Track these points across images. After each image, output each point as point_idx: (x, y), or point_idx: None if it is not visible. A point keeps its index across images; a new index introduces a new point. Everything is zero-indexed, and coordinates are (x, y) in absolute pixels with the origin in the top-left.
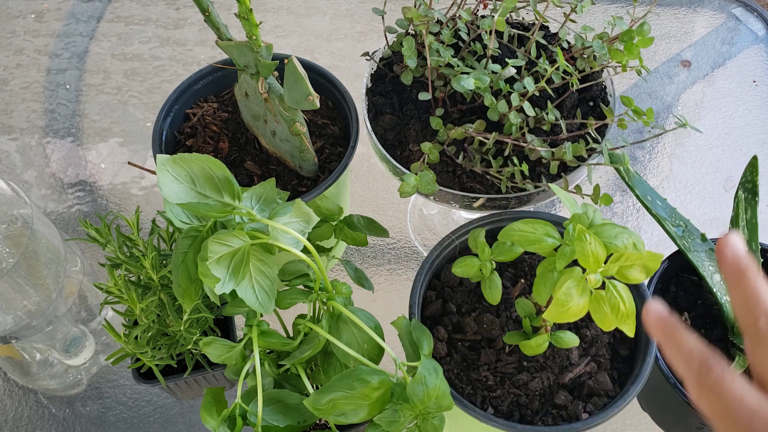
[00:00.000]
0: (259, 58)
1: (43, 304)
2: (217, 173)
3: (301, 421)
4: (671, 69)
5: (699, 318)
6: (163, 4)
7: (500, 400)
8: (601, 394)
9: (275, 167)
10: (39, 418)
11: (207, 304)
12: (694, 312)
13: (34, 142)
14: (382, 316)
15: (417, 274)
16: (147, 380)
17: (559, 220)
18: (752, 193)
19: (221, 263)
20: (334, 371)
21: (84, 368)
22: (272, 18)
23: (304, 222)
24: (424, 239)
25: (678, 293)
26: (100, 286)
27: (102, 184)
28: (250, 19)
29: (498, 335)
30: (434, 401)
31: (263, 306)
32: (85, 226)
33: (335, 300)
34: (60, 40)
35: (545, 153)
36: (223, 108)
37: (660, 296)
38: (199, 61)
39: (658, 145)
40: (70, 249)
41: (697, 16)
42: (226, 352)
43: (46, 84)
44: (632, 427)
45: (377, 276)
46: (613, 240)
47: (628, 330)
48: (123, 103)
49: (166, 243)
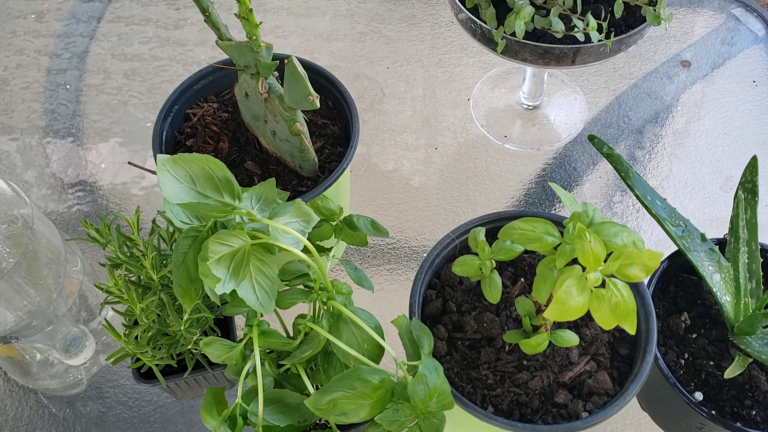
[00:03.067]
0: (259, 58)
1: (44, 304)
2: (218, 173)
3: (301, 420)
4: (671, 69)
5: (699, 318)
6: (163, 4)
7: (500, 398)
8: (600, 393)
9: (275, 167)
10: (39, 418)
11: (207, 304)
12: (693, 312)
13: (35, 142)
14: (382, 315)
15: (417, 273)
16: (147, 380)
17: (558, 219)
18: (752, 193)
19: (221, 263)
20: (334, 371)
21: (84, 368)
22: (272, 18)
23: (304, 222)
24: (489, 128)
25: (678, 293)
26: (101, 286)
27: (102, 184)
28: (250, 19)
29: (498, 334)
30: (435, 400)
31: (263, 306)
32: (85, 226)
33: (335, 300)
34: (60, 40)
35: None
36: (223, 108)
37: (659, 296)
38: (199, 61)
39: (658, 145)
40: (71, 249)
41: (697, 16)
42: (227, 352)
43: (46, 84)
44: (632, 426)
45: (377, 276)
46: (612, 238)
47: (629, 328)
48: (123, 103)
49: (167, 243)
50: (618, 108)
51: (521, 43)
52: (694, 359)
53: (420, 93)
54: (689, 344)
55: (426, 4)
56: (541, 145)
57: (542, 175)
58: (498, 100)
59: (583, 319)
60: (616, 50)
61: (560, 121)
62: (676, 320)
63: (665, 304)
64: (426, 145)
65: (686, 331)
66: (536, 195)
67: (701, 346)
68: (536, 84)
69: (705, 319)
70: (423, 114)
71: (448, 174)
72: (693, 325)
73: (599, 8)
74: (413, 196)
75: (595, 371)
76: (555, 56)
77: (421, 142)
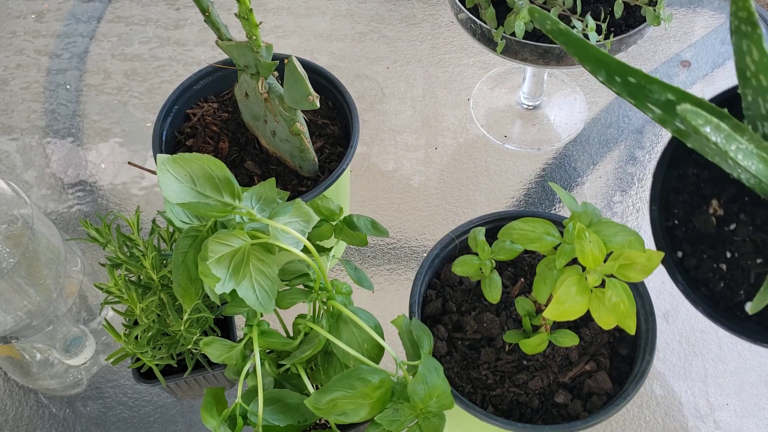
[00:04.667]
0: (259, 58)
1: (44, 304)
2: (218, 173)
3: (301, 420)
4: (671, 69)
5: (734, 202)
6: (163, 5)
7: (500, 398)
8: (600, 393)
9: (275, 167)
10: (39, 418)
11: (207, 303)
12: (725, 196)
13: (35, 142)
14: (382, 315)
15: (417, 273)
16: (147, 380)
17: (558, 219)
18: (750, 24)
19: (221, 263)
20: (334, 371)
21: (84, 368)
22: (272, 18)
23: (304, 222)
24: (489, 128)
25: (700, 176)
26: (101, 286)
27: (102, 184)
28: (250, 19)
29: (498, 334)
30: (435, 400)
31: (263, 306)
32: (85, 226)
33: (335, 300)
34: (60, 40)
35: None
36: (223, 108)
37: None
38: (199, 61)
39: (658, 146)
40: (71, 249)
41: (696, 16)
42: (227, 351)
43: (46, 84)
44: (632, 426)
45: (377, 276)
46: (612, 238)
47: (629, 328)
48: (123, 103)
49: (167, 243)
50: (618, 108)
51: (521, 43)
52: (739, 257)
53: (420, 93)
54: (727, 240)
55: (426, 4)
56: (541, 145)
57: (542, 175)
58: (498, 100)
59: (583, 319)
60: (616, 50)
61: (560, 121)
62: (703, 215)
63: (685, 198)
64: (426, 145)
65: (720, 224)
66: (536, 195)
67: (745, 236)
68: (536, 84)
69: (744, 198)
70: (423, 114)
71: (448, 174)
72: (728, 213)
73: (599, 8)
74: (413, 196)
75: (595, 371)
76: (555, 56)
77: (421, 142)
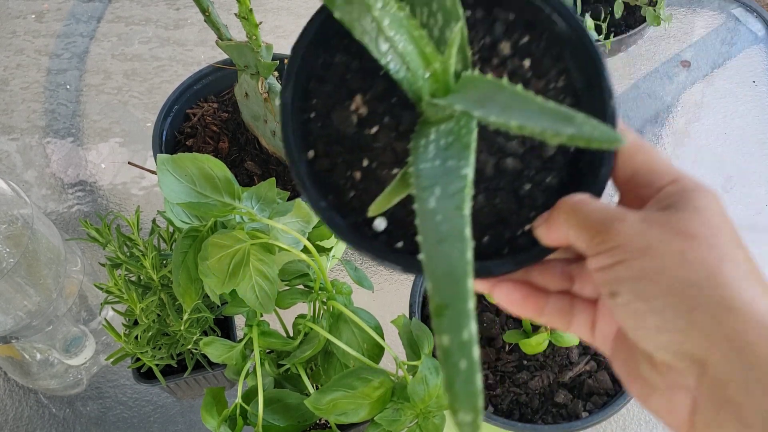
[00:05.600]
0: (259, 58)
1: (44, 304)
2: (217, 173)
3: (301, 420)
4: (671, 69)
5: (380, 100)
6: (163, 5)
7: (500, 398)
8: (600, 392)
9: (275, 167)
10: (39, 418)
11: (207, 303)
12: (372, 90)
13: (35, 142)
14: (382, 315)
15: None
16: (147, 380)
17: None
18: None
19: (221, 263)
20: (334, 371)
21: (84, 368)
22: (272, 18)
23: (304, 222)
24: None
25: (349, 68)
26: (101, 286)
27: (102, 184)
28: (250, 19)
29: (498, 334)
30: (435, 400)
31: (263, 306)
32: (85, 226)
33: (335, 300)
34: (60, 40)
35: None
36: (223, 108)
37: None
38: (199, 61)
39: (658, 145)
40: (71, 249)
41: (696, 16)
42: (227, 351)
43: (46, 84)
44: (632, 425)
45: (377, 276)
46: None
47: None
48: (123, 103)
49: (166, 243)
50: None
51: None
52: (376, 167)
53: None
54: (367, 146)
55: None
56: None
57: None
58: None
59: None
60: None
61: None
62: (344, 112)
63: (329, 89)
64: None
65: (361, 125)
66: None
67: (386, 143)
68: None
69: (391, 99)
70: None
71: None
72: (372, 112)
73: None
74: None
75: (595, 371)
76: None
77: None
